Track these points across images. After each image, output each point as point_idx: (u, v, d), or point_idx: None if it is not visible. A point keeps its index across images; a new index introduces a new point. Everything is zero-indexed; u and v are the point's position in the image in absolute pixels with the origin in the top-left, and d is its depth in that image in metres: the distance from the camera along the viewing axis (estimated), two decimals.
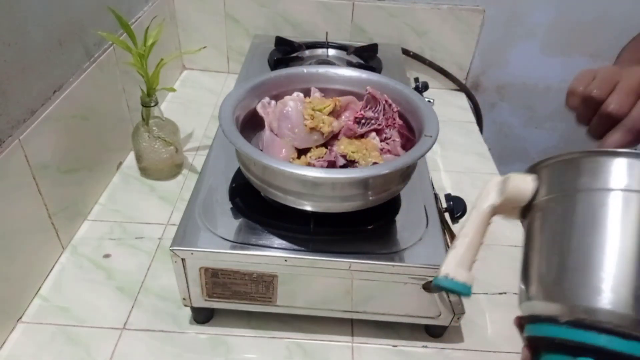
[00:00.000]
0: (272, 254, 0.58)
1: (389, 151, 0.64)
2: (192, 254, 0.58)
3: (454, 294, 0.41)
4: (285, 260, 0.58)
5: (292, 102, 0.65)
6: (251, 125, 0.65)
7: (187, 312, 0.67)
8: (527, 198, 0.38)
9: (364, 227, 0.62)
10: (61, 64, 0.71)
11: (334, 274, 0.59)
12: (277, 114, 0.65)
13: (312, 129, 0.63)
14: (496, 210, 0.40)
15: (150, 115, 0.83)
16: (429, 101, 0.69)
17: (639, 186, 0.33)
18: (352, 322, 0.67)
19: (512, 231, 0.82)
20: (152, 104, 0.82)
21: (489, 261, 0.76)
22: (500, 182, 0.40)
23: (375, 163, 0.59)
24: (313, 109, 0.64)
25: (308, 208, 0.56)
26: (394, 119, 0.65)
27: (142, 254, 0.75)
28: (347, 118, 0.67)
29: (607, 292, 0.31)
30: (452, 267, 0.39)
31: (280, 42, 1.06)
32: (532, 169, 0.39)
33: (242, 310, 0.64)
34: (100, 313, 0.66)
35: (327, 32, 1.08)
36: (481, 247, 0.40)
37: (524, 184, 0.38)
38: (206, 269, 0.59)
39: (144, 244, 0.77)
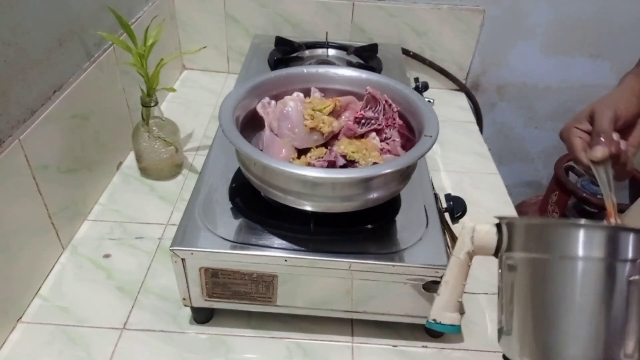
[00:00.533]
0: (272, 254, 0.58)
1: (389, 151, 0.64)
2: (192, 254, 0.58)
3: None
4: (285, 260, 0.58)
5: (292, 102, 0.65)
6: (251, 125, 0.65)
7: (187, 312, 0.67)
8: (493, 248, 0.43)
9: (364, 227, 0.62)
10: (61, 64, 0.71)
11: (334, 274, 0.59)
12: (277, 114, 0.65)
13: (312, 129, 0.63)
14: (472, 255, 0.44)
15: (150, 115, 0.83)
16: (429, 101, 0.69)
17: (600, 254, 0.36)
18: (352, 322, 0.67)
19: None
20: (152, 104, 0.82)
21: (489, 261, 0.76)
22: (470, 231, 0.44)
23: (375, 163, 0.59)
24: (313, 109, 0.65)
25: (308, 208, 0.56)
26: (394, 119, 0.65)
27: (142, 254, 0.75)
28: (347, 118, 0.67)
29: (574, 351, 0.36)
30: (438, 312, 0.46)
31: (280, 42, 1.06)
32: (503, 220, 0.43)
33: (242, 310, 0.64)
34: (100, 313, 0.66)
35: (327, 32, 1.08)
36: (464, 287, 0.46)
37: (488, 237, 0.43)
38: (206, 269, 0.59)
39: (144, 244, 0.77)
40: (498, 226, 0.43)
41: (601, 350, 0.35)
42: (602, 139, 0.48)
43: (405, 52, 1.16)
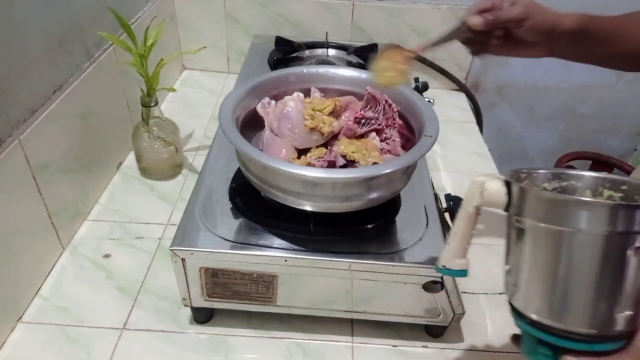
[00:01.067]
0: (272, 254, 0.58)
1: (389, 151, 0.64)
2: (192, 254, 0.58)
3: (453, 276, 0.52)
4: (285, 260, 0.58)
5: (292, 102, 0.65)
6: (251, 125, 0.65)
7: (187, 312, 0.67)
8: (502, 206, 0.44)
9: (364, 227, 0.62)
10: (61, 64, 0.71)
11: (334, 274, 0.59)
12: (277, 114, 0.65)
13: (312, 129, 0.63)
14: (479, 208, 0.46)
15: (150, 115, 0.83)
16: (429, 101, 0.69)
17: (603, 228, 0.38)
18: (352, 322, 0.67)
19: None
20: (152, 104, 0.82)
21: (489, 261, 0.76)
22: (480, 184, 0.45)
23: (375, 163, 0.59)
24: (313, 109, 0.65)
25: (308, 208, 0.56)
26: (394, 119, 0.65)
27: (142, 254, 0.75)
28: (347, 118, 0.67)
29: (576, 311, 0.40)
30: (448, 260, 0.49)
31: (280, 42, 1.06)
32: (514, 180, 0.43)
33: (242, 310, 0.64)
34: (100, 313, 0.66)
35: (327, 32, 1.08)
36: (472, 236, 0.48)
37: (498, 195, 0.44)
38: (206, 269, 0.59)
39: (144, 244, 0.77)
40: (507, 184, 0.43)
41: (601, 310, 0.39)
42: (483, 14, 0.56)
43: None
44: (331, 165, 0.60)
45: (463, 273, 0.49)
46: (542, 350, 0.42)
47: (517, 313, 0.44)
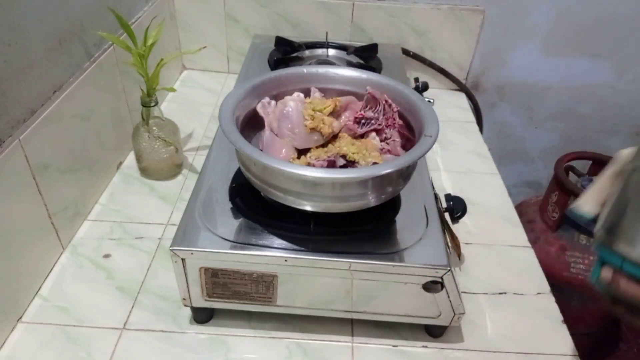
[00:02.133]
0: (272, 254, 0.58)
1: (389, 151, 0.64)
2: (192, 254, 0.58)
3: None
4: (285, 260, 0.58)
5: (292, 102, 0.65)
6: (251, 125, 0.65)
7: (187, 312, 0.67)
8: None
9: (364, 227, 0.62)
10: (61, 64, 0.71)
11: (334, 274, 0.59)
12: (277, 114, 0.65)
13: (313, 130, 0.63)
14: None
15: (150, 115, 0.83)
16: (429, 101, 0.69)
17: None
18: (352, 322, 0.67)
19: (511, 231, 0.82)
20: (152, 104, 0.82)
21: (489, 261, 0.77)
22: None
23: (375, 163, 0.59)
24: (313, 110, 0.65)
25: (308, 208, 0.56)
26: (394, 119, 0.65)
27: (142, 254, 0.75)
28: (347, 118, 0.67)
29: None
30: (587, 204, 0.50)
31: (280, 42, 1.06)
32: None
33: (242, 310, 0.64)
34: (100, 313, 0.66)
35: (327, 32, 1.08)
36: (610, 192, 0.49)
37: None
38: (206, 269, 0.59)
39: (144, 244, 0.77)
40: None
41: None
42: None
43: (405, 52, 1.16)
44: (331, 165, 0.60)
45: (590, 218, 0.50)
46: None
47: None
